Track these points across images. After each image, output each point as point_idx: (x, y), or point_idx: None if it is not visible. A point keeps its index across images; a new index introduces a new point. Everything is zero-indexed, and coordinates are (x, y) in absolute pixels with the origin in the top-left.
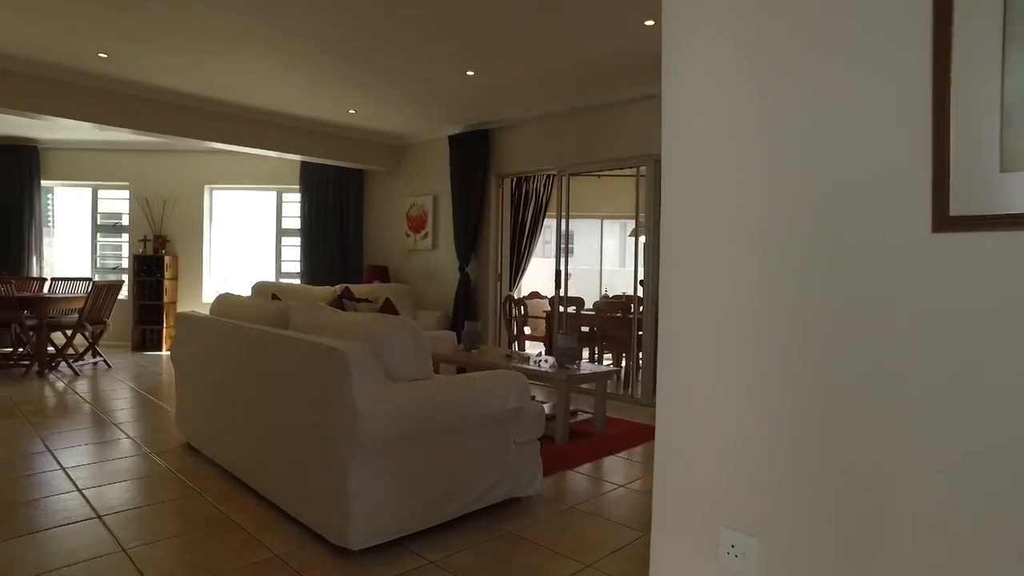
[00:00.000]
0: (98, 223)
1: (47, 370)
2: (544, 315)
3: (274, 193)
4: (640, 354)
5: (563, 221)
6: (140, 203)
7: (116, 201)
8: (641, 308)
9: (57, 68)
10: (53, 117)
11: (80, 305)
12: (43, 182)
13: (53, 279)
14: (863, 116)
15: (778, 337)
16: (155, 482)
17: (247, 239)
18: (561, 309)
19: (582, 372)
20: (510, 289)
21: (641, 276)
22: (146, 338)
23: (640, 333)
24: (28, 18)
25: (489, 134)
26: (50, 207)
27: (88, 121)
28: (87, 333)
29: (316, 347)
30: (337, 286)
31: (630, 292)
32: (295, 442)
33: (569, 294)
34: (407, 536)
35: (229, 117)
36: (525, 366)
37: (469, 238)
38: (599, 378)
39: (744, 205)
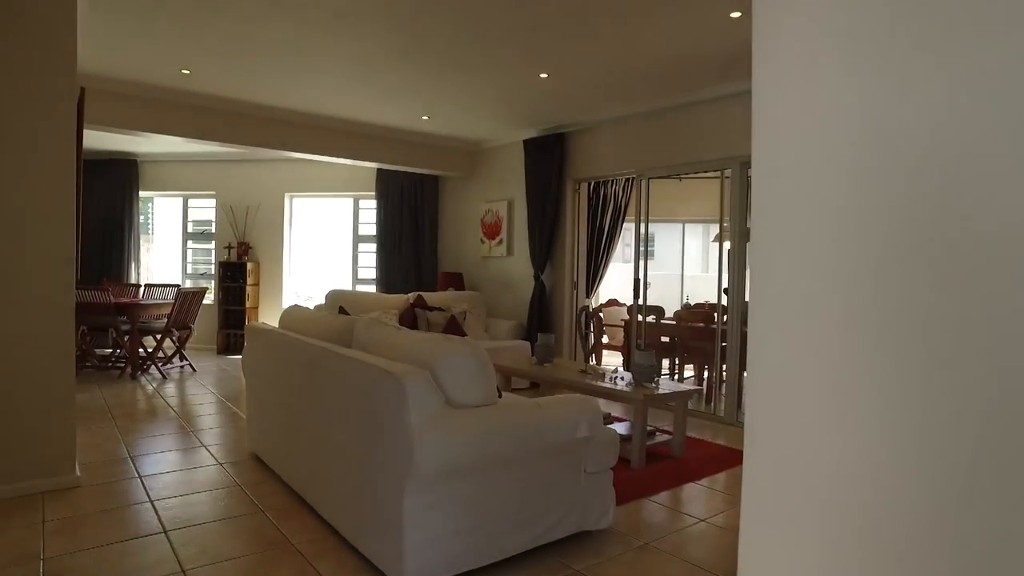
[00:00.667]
0: (189, 231)
1: (139, 373)
2: (622, 324)
3: (351, 200)
4: (724, 368)
5: (642, 226)
6: (225, 211)
7: (205, 209)
8: (725, 318)
9: (147, 87)
10: (148, 133)
11: (168, 311)
12: (140, 192)
13: (147, 285)
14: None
15: (921, 348)
16: (223, 496)
17: (325, 245)
18: (640, 318)
19: (660, 392)
20: (587, 296)
21: (725, 284)
22: (230, 342)
23: (724, 344)
24: (117, 40)
25: (564, 138)
26: (150, 216)
27: (177, 135)
28: (174, 338)
29: (371, 370)
30: (410, 294)
31: (713, 300)
32: (352, 467)
33: (648, 302)
34: (466, 572)
35: (305, 127)
36: (600, 384)
37: (544, 245)
38: (679, 398)
39: (856, 201)
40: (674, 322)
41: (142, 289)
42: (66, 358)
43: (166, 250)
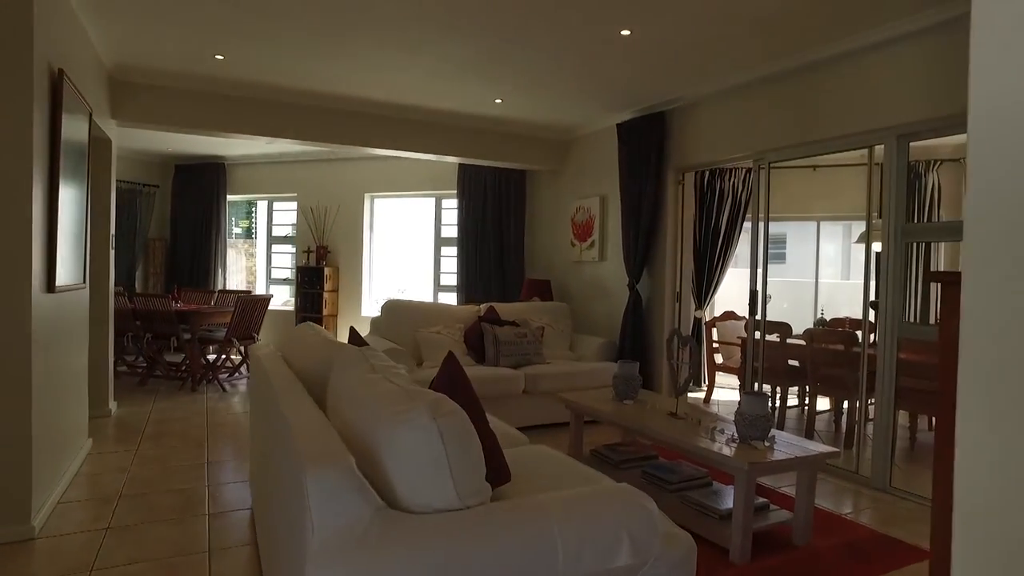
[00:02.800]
0: (272, 234)
1: (200, 384)
2: (739, 342)
3: (433, 200)
4: (872, 406)
5: (761, 225)
6: (305, 213)
7: (289, 213)
8: (872, 338)
9: (219, 82)
10: (230, 134)
11: (229, 319)
12: (229, 196)
13: (220, 292)
14: None
15: None
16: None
17: (407, 249)
18: (758, 336)
19: (777, 457)
20: (700, 308)
21: (873, 296)
22: None
23: (870, 374)
24: (153, 29)
25: (664, 118)
26: (253, 220)
27: (260, 135)
28: (238, 347)
29: (280, 444)
30: (482, 305)
31: (857, 316)
32: (275, 553)
33: (773, 316)
34: None
35: (379, 119)
36: (692, 441)
37: (640, 248)
38: (805, 466)
39: None
40: (804, 342)
41: (215, 297)
42: (19, 385)
43: (260, 254)
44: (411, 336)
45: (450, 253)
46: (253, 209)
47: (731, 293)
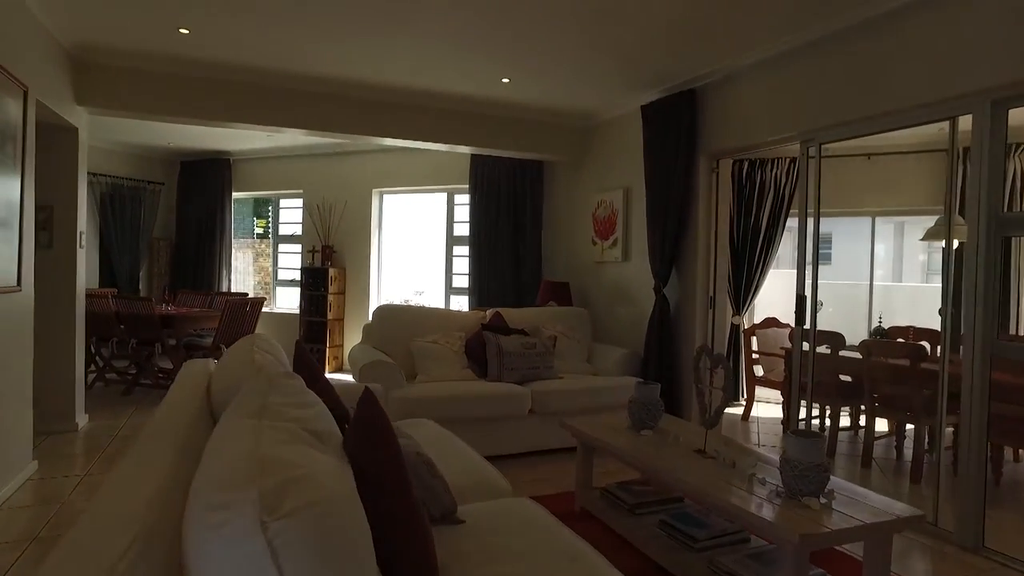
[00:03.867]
0: (279, 233)
1: None
2: (783, 353)
3: (444, 195)
4: (953, 435)
5: (810, 220)
6: (310, 211)
7: (296, 210)
8: (950, 353)
9: (195, 64)
10: (213, 122)
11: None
12: (235, 194)
13: (218, 295)
14: None
15: None
16: None
17: (418, 248)
18: (806, 347)
19: (834, 525)
20: (737, 313)
21: (933, 302)
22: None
23: (947, 395)
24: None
25: (695, 96)
26: (270, 219)
27: (248, 123)
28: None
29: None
30: (489, 311)
31: (922, 324)
32: None
33: (820, 324)
34: None
35: (381, 105)
36: (724, 495)
37: (667, 246)
38: (876, 534)
39: None
40: (859, 356)
41: (211, 299)
42: None
43: (268, 255)
44: (405, 346)
45: (463, 253)
46: (271, 208)
47: (773, 297)
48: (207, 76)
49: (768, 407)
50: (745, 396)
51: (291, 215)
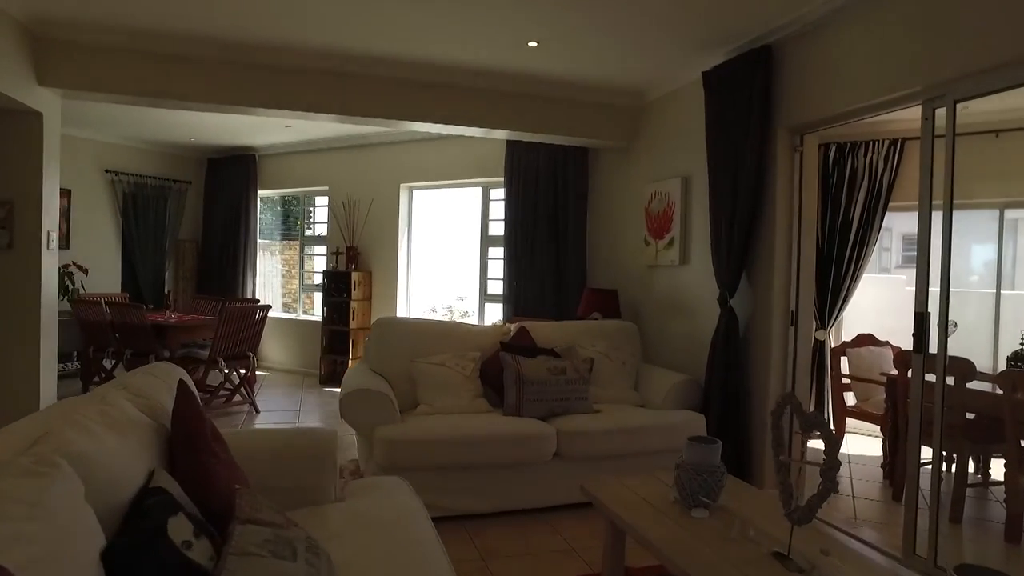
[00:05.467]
0: (305, 234)
1: None
2: (883, 380)
3: (479, 190)
4: None
5: (934, 214)
6: (336, 209)
7: (322, 209)
8: None
9: (178, 38)
10: (202, 103)
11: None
12: (260, 192)
13: (228, 301)
14: None
15: None
16: None
17: (451, 250)
18: (929, 379)
19: None
20: (824, 327)
21: None
22: (335, 370)
23: None
24: None
25: (771, 54)
26: (308, 218)
27: (248, 106)
28: (224, 370)
29: None
30: (515, 325)
31: None
32: None
33: (929, 344)
34: None
35: (403, 84)
36: None
37: (735, 245)
38: None
39: None
40: (997, 388)
41: (220, 306)
42: None
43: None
44: (406, 368)
45: (499, 255)
46: (297, 206)
47: (865, 308)
48: (193, 52)
49: (861, 442)
50: (833, 428)
51: (321, 214)
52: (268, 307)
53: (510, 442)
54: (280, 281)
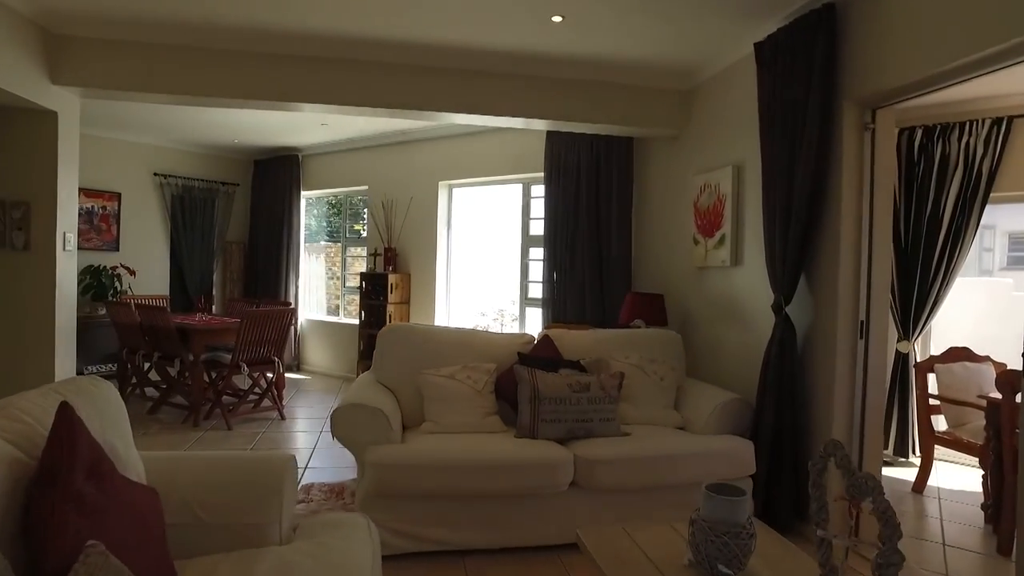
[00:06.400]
0: (347, 235)
1: (203, 418)
2: (983, 403)
3: (520, 187)
4: None
5: None
6: (374, 209)
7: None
8: None
9: (202, 30)
10: (229, 99)
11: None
12: (304, 192)
13: (259, 304)
14: None
15: None
16: None
17: (493, 251)
18: None
19: None
20: (908, 337)
21: None
22: None
23: None
24: None
25: (834, 13)
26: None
27: (270, 100)
28: (246, 372)
29: None
30: (540, 333)
31: None
32: None
33: None
34: None
35: (434, 72)
36: None
37: (792, 245)
38: None
39: None
40: None
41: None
42: None
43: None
44: (412, 380)
45: (540, 256)
46: (354, 208)
47: (960, 317)
48: (214, 45)
49: (956, 471)
50: (918, 453)
51: (363, 215)
52: (293, 310)
53: (518, 468)
54: (325, 283)
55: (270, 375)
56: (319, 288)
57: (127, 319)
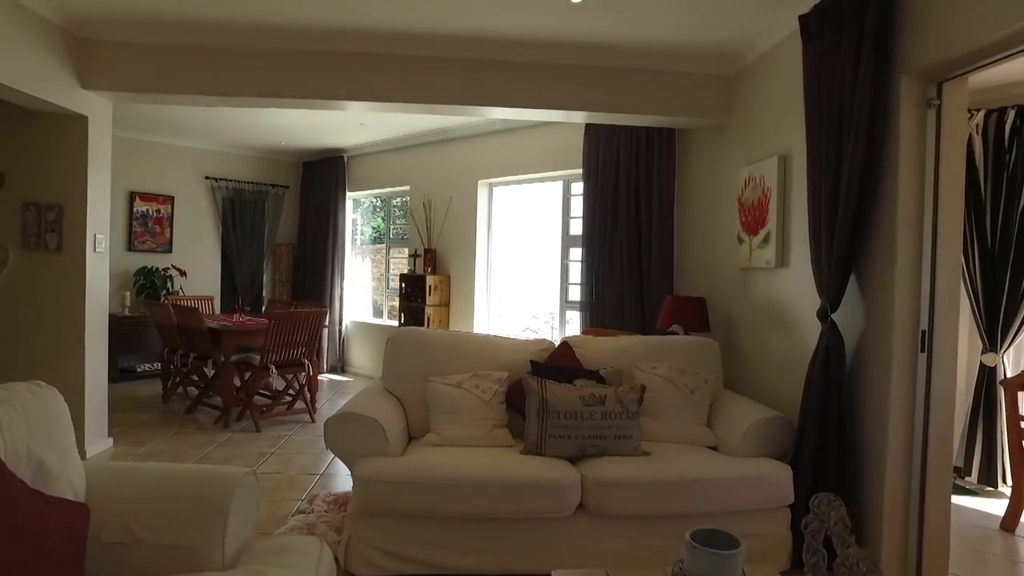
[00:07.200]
0: (390, 235)
1: (242, 417)
2: None
3: (560, 184)
4: None
5: None
6: (415, 210)
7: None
8: None
9: (220, 28)
10: (257, 98)
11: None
12: (349, 193)
13: (296, 305)
14: None
15: None
16: None
17: (535, 252)
18: None
19: None
20: (994, 348)
21: None
22: None
23: None
24: None
25: None
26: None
27: (298, 97)
28: (274, 374)
29: None
30: (561, 339)
31: None
32: None
33: None
34: None
35: (465, 64)
36: None
37: (840, 243)
38: None
39: None
40: None
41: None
42: None
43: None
44: (421, 388)
45: (579, 257)
46: (382, 207)
47: None
48: (244, 44)
49: None
50: (1008, 482)
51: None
52: (325, 312)
53: (515, 488)
54: (371, 285)
55: (301, 376)
56: (366, 289)
57: (166, 319)
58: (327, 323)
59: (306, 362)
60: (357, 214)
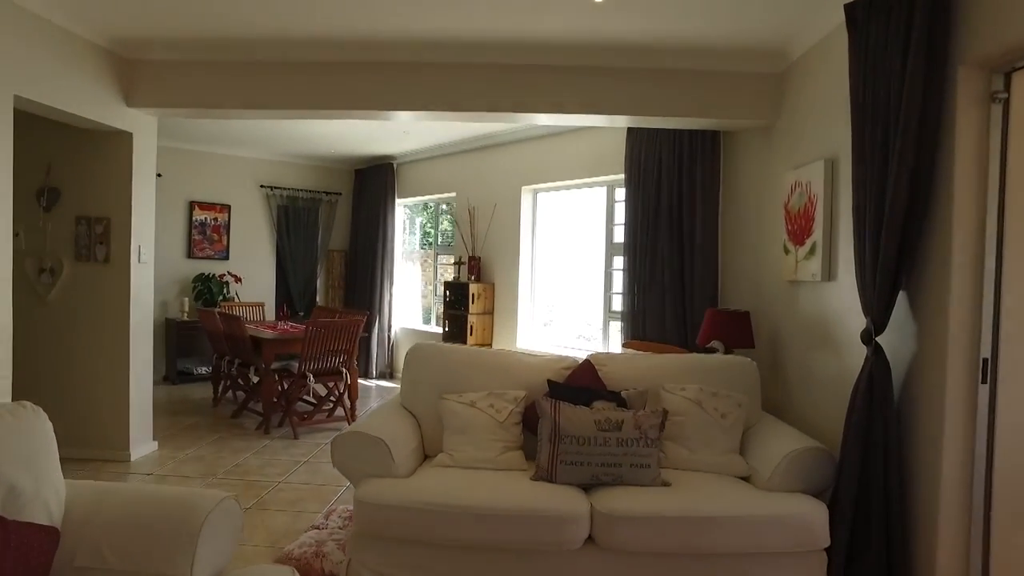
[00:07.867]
0: (438, 242)
1: (283, 423)
2: None
3: (604, 189)
4: None
5: None
6: (460, 216)
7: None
8: None
9: (260, 45)
10: (296, 110)
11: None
12: (398, 200)
13: (338, 313)
14: None
15: None
16: None
17: (580, 260)
18: None
19: None
20: None
21: None
22: None
23: None
24: None
25: None
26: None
27: (337, 108)
28: (312, 381)
29: None
30: (584, 357)
31: None
32: None
33: None
34: None
35: (504, 70)
36: None
37: (886, 256)
38: None
39: None
40: None
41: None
42: None
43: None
44: (435, 405)
45: (622, 265)
46: (429, 214)
47: None
48: (286, 57)
49: None
50: None
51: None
52: (361, 320)
53: (519, 520)
54: (421, 290)
55: (340, 385)
56: (416, 295)
57: (213, 326)
58: (367, 331)
59: (344, 370)
60: (407, 220)
